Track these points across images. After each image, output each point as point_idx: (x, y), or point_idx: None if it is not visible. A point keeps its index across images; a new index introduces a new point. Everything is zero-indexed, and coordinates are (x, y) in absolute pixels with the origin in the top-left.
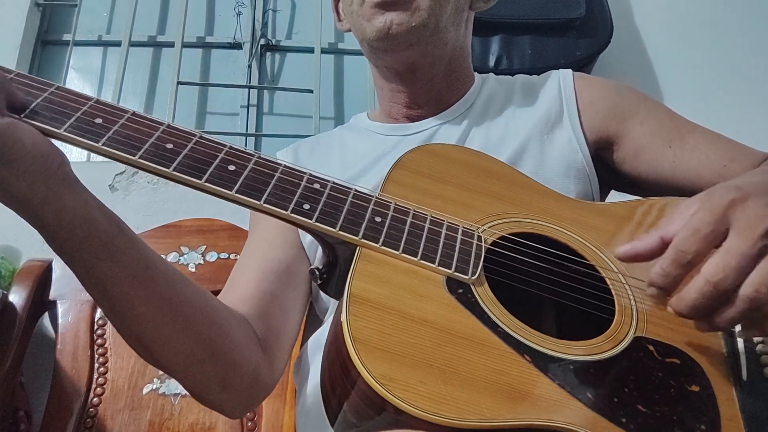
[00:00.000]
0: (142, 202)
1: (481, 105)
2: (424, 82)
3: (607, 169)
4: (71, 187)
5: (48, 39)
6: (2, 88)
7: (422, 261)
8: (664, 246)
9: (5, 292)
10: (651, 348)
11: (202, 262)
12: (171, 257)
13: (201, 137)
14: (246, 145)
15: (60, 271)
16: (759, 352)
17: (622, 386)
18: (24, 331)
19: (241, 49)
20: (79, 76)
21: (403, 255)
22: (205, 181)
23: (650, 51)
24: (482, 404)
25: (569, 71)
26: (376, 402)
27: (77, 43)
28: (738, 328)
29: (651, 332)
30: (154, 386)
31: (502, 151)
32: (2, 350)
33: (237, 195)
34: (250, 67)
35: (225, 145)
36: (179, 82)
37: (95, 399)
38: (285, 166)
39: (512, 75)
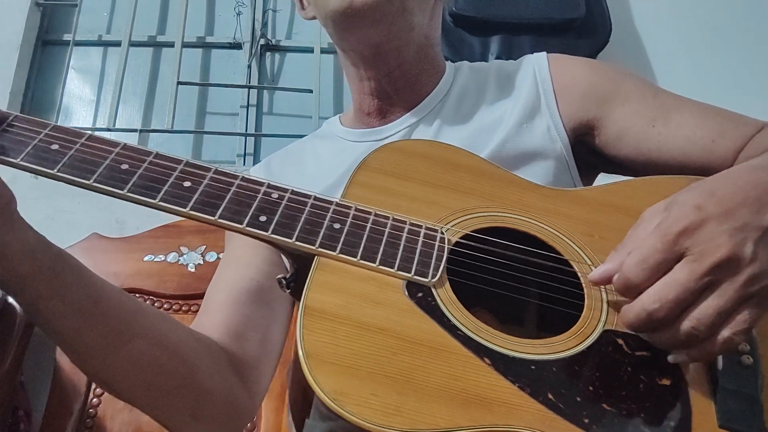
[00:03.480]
0: None
1: (454, 98)
2: (391, 68)
3: (592, 153)
4: (15, 225)
5: (48, 39)
6: None
7: (381, 267)
8: None
9: (5, 292)
10: (620, 341)
11: (201, 262)
12: (171, 257)
13: (157, 155)
14: (246, 145)
15: None
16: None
17: (587, 384)
18: (24, 331)
19: (241, 49)
20: (79, 76)
21: (362, 262)
22: (160, 200)
23: (649, 51)
24: (437, 413)
25: (543, 55)
26: (335, 417)
27: (77, 43)
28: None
29: (622, 325)
30: None
31: (483, 146)
32: (2, 350)
33: (191, 212)
34: (250, 67)
35: (181, 161)
36: (179, 82)
37: (95, 399)
38: (242, 178)
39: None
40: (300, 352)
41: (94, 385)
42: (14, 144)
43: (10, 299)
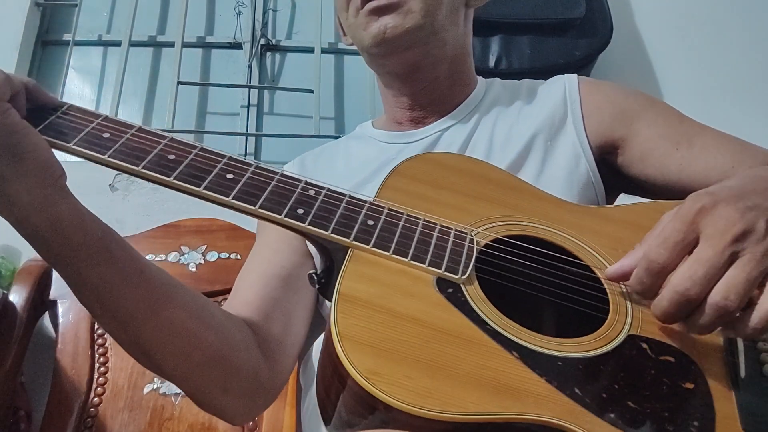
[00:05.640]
0: (142, 202)
1: (485, 109)
2: (426, 83)
3: (614, 172)
4: (67, 197)
5: (48, 39)
6: (31, 94)
7: (412, 261)
8: None
9: (5, 292)
10: (645, 346)
11: (202, 261)
12: (171, 257)
13: (202, 149)
14: (246, 145)
15: None
16: (759, 349)
17: (612, 383)
18: (24, 331)
19: (241, 49)
20: (79, 76)
21: (394, 256)
22: (204, 189)
23: (650, 51)
24: (468, 398)
25: (575, 76)
26: (366, 399)
27: (77, 43)
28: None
29: (646, 331)
30: (155, 386)
31: (506, 155)
32: (2, 350)
33: (233, 201)
34: (250, 67)
35: (224, 156)
36: (179, 82)
37: (95, 399)
38: (282, 174)
39: (512, 75)
40: (334, 335)
41: (94, 385)
42: (68, 130)
43: (11, 298)
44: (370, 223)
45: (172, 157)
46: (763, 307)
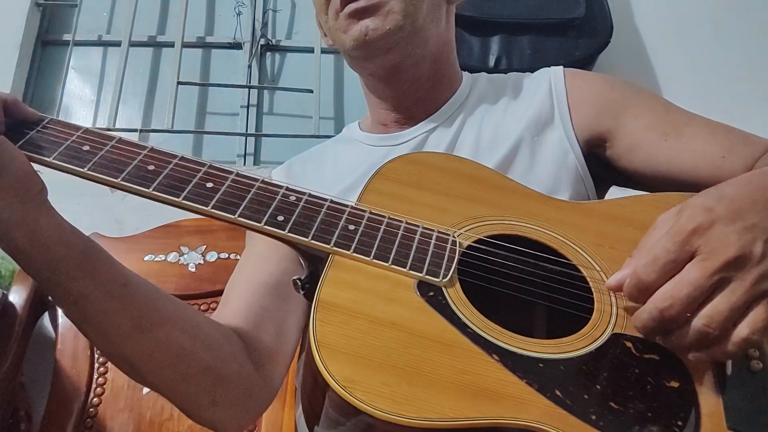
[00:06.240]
0: (142, 202)
1: (470, 107)
2: (409, 83)
3: (603, 165)
4: (47, 211)
5: (48, 39)
6: (11, 109)
7: (393, 266)
8: None
9: (5, 292)
10: (629, 344)
11: (202, 262)
12: (171, 257)
13: (182, 158)
14: (246, 146)
15: None
16: None
17: (594, 383)
18: (24, 331)
19: (241, 49)
20: (79, 76)
21: (374, 261)
22: (183, 199)
23: (650, 51)
24: (445, 404)
25: (560, 68)
26: (344, 406)
27: (77, 43)
28: None
29: (631, 329)
30: None
31: (493, 154)
32: (2, 350)
33: (213, 210)
34: (250, 67)
35: (205, 164)
36: (179, 82)
37: (95, 399)
38: (262, 181)
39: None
40: (312, 343)
41: (94, 385)
42: (48, 144)
43: (11, 298)
44: (351, 228)
45: (151, 167)
46: (738, 335)
